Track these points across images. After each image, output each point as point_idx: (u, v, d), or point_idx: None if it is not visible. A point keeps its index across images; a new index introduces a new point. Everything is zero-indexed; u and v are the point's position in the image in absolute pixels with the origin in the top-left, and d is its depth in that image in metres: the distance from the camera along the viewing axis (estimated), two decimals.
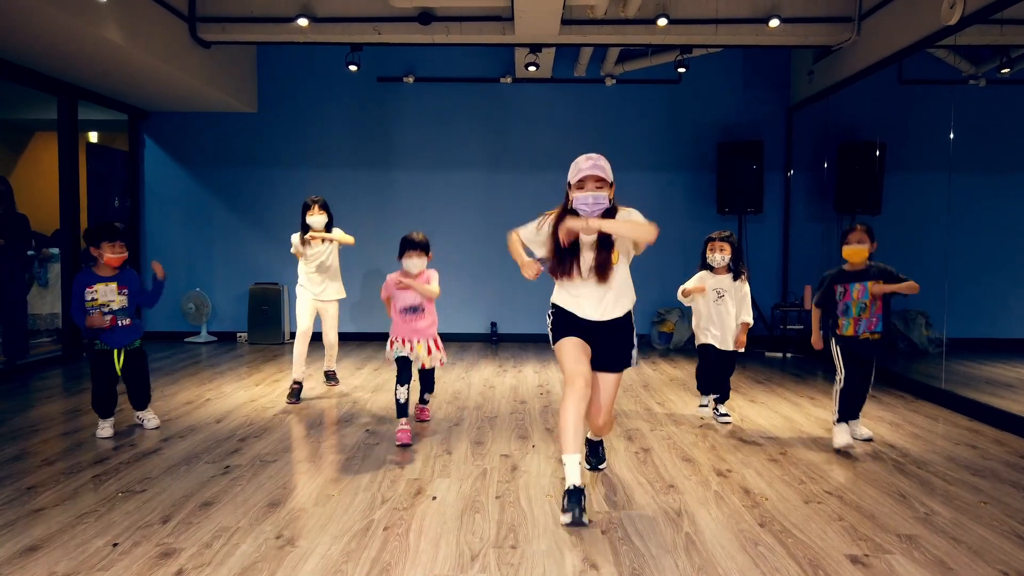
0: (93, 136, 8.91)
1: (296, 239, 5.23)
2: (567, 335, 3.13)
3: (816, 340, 4.23)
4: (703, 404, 4.92)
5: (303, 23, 6.48)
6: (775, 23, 6.46)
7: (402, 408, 4.10)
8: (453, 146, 8.32)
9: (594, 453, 3.65)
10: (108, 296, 4.11)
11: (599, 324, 3.12)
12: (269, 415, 4.76)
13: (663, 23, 6.46)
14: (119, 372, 4.20)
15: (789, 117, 8.18)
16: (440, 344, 4.27)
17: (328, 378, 5.77)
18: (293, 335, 5.67)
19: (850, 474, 3.61)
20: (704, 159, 8.21)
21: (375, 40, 6.74)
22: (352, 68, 7.34)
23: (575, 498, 2.88)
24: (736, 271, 4.55)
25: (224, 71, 7.38)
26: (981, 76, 5.89)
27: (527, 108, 8.29)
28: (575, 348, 3.09)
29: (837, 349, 4.08)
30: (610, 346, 3.16)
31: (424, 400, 4.62)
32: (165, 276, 4.38)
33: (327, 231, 5.22)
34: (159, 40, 6.11)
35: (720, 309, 4.56)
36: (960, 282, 5.55)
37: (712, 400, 4.77)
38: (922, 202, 6.52)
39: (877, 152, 6.68)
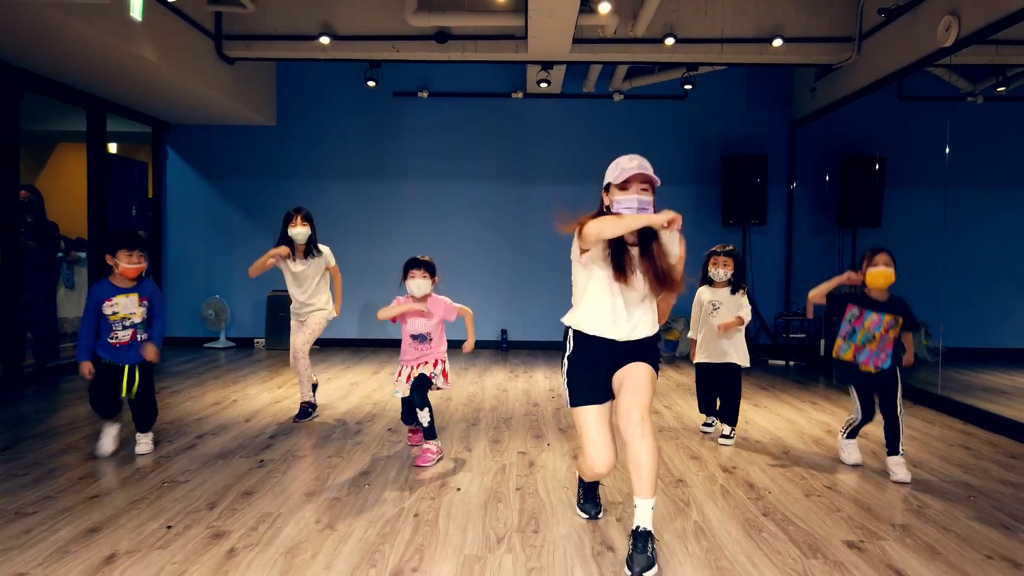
0: (113, 147, 9.19)
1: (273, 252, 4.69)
2: (588, 398, 2.74)
3: (812, 306, 3.85)
4: (707, 423, 4.68)
5: (325, 41, 6.75)
6: (778, 43, 6.70)
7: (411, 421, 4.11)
8: (465, 159, 8.59)
9: (591, 499, 3.18)
10: (130, 308, 3.83)
11: (625, 345, 2.73)
12: (295, 415, 4.98)
13: (670, 42, 6.72)
14: (125, 392, 3.89)
15: (792, 132, 8.42)
16: (447, 369, 4.00)
17: (301, 413, 4.88)
18: None
19: (849, 471, 3.83)
20: (709, 172, 8.46)
21: (393, 57, 7.01)
22: (371, 84, 7.65)
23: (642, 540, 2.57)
24: (736, 286, 4.40)
25: (246, 86, 7.66)
26: (978, 93, 6.12)
27: (537, 122, 8.57)
28: (599, 425, 2.72)
29: (854, 392, 3.87)
30: (636, 353, 2.76)
31: (417, 420, 3.94)
32: (158, 356, 3.97)
33: (310, 243, 4.77)
34: (188, 57, 6.39)
35: (713, 322, 4.39)
36: (957, 293, 5.76)
37: (718, 422, 4.59)
38: (920, 215, 6.72)
39: (877, 166, 6.91)
